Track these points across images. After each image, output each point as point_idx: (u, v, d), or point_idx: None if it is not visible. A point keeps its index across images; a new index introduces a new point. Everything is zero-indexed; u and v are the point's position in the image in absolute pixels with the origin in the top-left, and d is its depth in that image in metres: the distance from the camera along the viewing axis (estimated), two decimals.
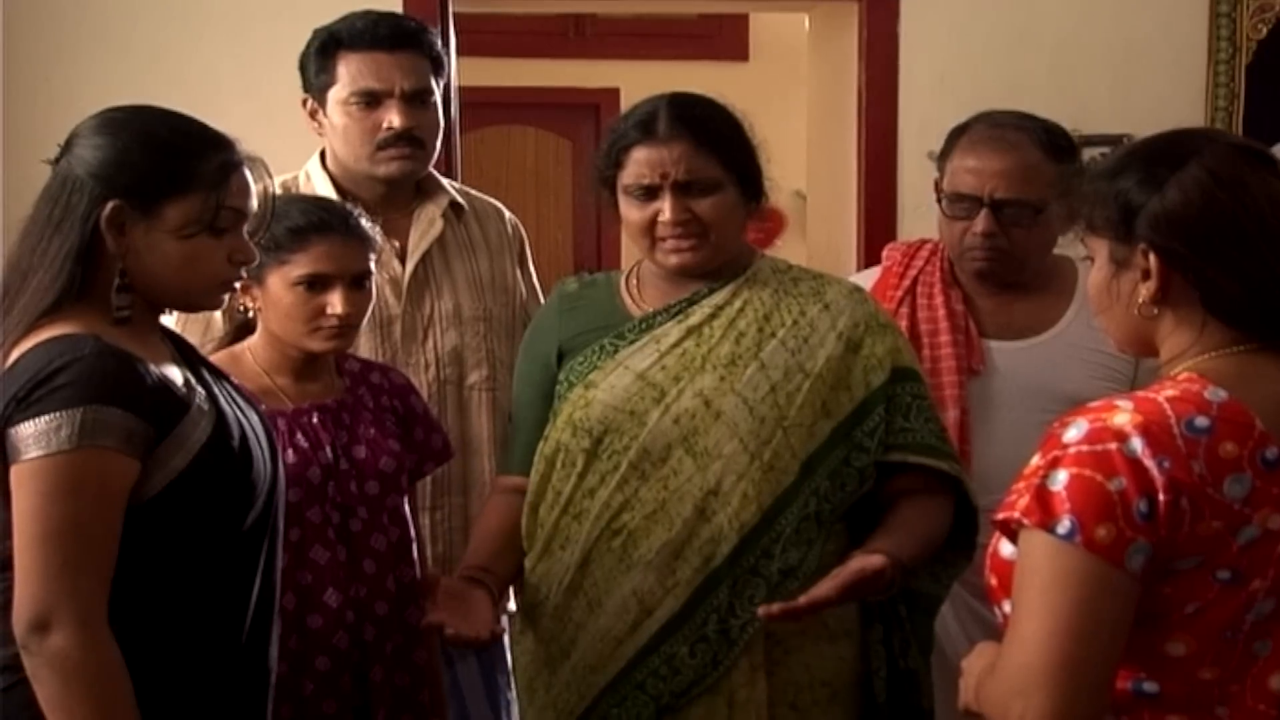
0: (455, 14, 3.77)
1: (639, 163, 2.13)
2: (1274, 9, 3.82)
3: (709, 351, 2.11)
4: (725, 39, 6.37)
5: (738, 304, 2.15)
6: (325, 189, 2.60)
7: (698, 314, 2.15)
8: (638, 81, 6.31)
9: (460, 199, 2.73)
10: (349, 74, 2.58)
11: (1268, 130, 3.84)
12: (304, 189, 2.62)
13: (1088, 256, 1.65)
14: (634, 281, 2.24)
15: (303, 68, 2.66)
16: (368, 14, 2.63)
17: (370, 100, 2.57)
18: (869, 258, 3.49)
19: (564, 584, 2.14)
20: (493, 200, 2.88)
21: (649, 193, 2.12)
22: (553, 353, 2.22)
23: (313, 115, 2.65)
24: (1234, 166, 1.55)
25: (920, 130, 3.56)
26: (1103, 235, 1.60)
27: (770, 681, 2.08)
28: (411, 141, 2.58)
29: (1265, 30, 3.83)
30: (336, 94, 2.59)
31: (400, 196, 2.65)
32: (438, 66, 2.65)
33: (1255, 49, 3.83)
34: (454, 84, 3.78)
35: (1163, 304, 1.56)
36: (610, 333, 2.17)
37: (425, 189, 2.70)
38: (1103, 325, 1.67)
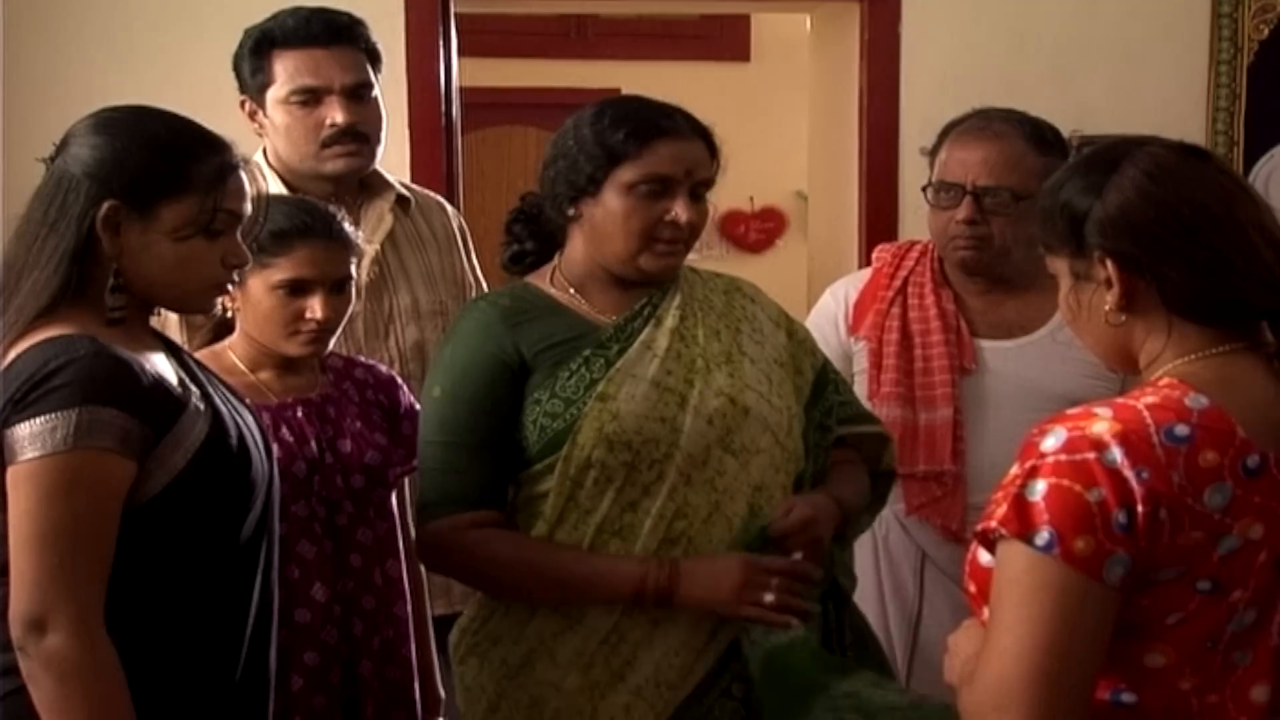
0: (456, 14, 3.77)
1: (663, 156, 2.01)
2: (1276, 9, 3.82)
3: (701, 352, 2.08)
4: (726, 39, 6.36)
5: (694, 305, 2.12)
6: (273, 187, 2.56)
7: (669, 318, 2.08)
8: (638, 81, 6.28)
9: (406, 193, 2.72)
10: (285, 72, 2.56)
11: (1270, 130, 3.84)
12: None
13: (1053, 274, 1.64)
14: (565, 290, 2.10)
15: (236, 69, 2.64)
16: (298, 10, 2.60)
17: (309, 97, 2.55)
18: (870, 257, 3.48)
19: (612, 605, 2.01)
20: (434, 195, 2.88)
21: (664, 189, 2.02)
22: (514, 368, 2.04)
23: (252, 116, 2.63)
24: (1167, 162, 1.55)
25: (921, 130, 3.54)
26: (1060, 253, 1.60)
27: None
28: (356, 137, 2.57)
29: (1267, 30, 3.82)
30: (275, 93, 2.58)
31: (346, 193, 2.62)
32: (375, 59, 2.63)
33: (1257, 49, 3.82)
34: (455, 84, 3.79)
35: (1129, 310, 1.55)
36: (584, 343, 2.05)
37: (370, 185, 2.68)
38: (1082, 343, 1.66)
